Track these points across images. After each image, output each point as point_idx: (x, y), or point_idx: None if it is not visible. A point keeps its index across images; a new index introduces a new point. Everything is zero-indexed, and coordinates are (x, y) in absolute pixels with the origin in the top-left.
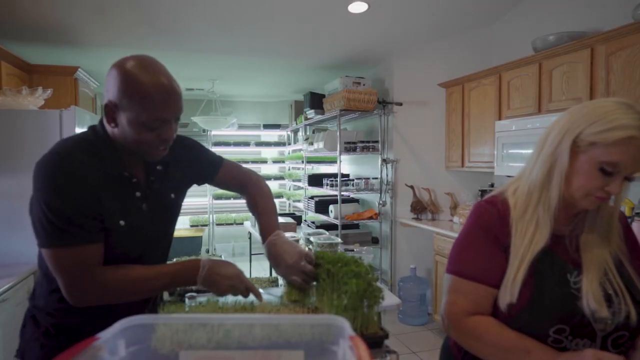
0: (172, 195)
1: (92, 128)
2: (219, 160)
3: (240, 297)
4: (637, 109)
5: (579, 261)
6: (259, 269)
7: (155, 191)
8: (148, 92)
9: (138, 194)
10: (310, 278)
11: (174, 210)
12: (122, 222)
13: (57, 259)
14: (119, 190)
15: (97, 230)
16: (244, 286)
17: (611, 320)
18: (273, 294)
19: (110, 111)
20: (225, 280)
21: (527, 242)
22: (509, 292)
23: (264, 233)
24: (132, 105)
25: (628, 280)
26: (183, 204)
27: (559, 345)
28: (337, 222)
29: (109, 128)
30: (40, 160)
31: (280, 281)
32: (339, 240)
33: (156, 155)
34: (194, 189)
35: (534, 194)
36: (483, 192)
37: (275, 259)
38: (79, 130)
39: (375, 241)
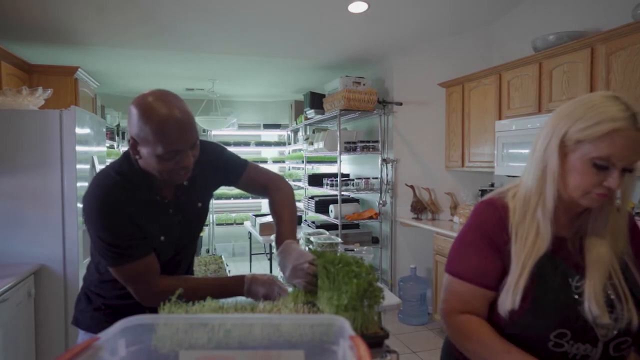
0: (199, 204)
1: (126, 158)
2: (243, 163)
3: (240, 297)
4: (624, 100)
5: (582, 264)
6: (259, 268)
7: (183, 205)
8: (161, 127)
9: (171, 210)
10: (314, 279)
11: (202, 216)
12: (162, 238)
13: (120, 274)
14: (156, 212)
15: (143, 246)
16: (277, 290)
17: (613, 326)
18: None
19: (133, 146)
20: (260, 289)
21: (528, 249)
22: (510, 299)
23: (277, 242)
24: (148, 139)
25: (633, 283)
26: None
27: (560, 349)
28: (337, 222)
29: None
30: (86, 196)
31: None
32: (339, 240)
33: (179, 180)
34: None
35: (531, 200)
36: (483, 192)
37: (282, 266)
38: (78, 130)
39: (375, 241)
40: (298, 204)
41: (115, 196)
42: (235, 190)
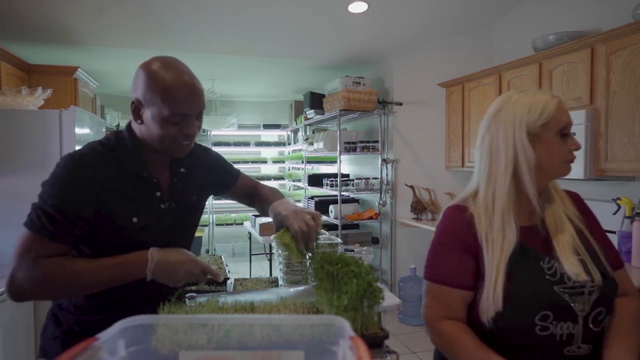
0: (194, 198)
1: (116, 132)
2: (237, 172)
3: (240, 297)
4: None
5: (549, 246)
6: (259, 269)
7: (177, 192)
8: (170, 88)
9: (158, 193)
10: (312, 232)
11: (195, 212)
12: (134, 220)
13: (22, 240)
14: (136, 190)
15: (69, 233)
16: (199, 269)
17: (589, 287)
18: (273, 294)
19: (136, 108)
20: (179, 267)
21: (498, 253)
22: (492, 304)
23: (272, 199)
24: (155, 100)
25: (592, 252)
26: None
27: (546, 332)
28: (337, 222)
29: (135, 126)
30: (60, 160)
31: (280, 282)
32: (339, 240)
33: (180, 151)
34: None
35: (497, 204)
36: None
37: (280, 210)
38: (78, 130)
39: (375, 241)
40: (298, 204)
41: (87, 162)
42: None
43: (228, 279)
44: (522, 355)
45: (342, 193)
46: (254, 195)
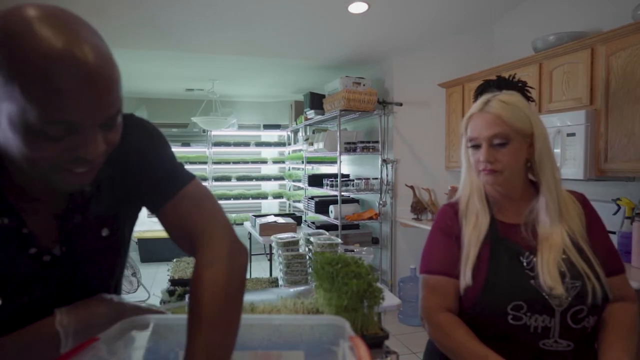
0: (104, 233)
1: None
2: (171, 189)
3: None
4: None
5: (534, 245)
6: (258, 269)
7: (74, 229)
8: (45, 71)
9: (33, 250)
10: None
11: (111, 255)
12: (25, 299)
13: None
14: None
15: None
16: (130, 310)
17: (565, 296)
18: (273, 294)
19: None
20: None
21: (471, 229)
22: (464, 277)
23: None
24: (16, 89)
25: (586, 260)
26: None
27: (519, 322)
28: (337, 222)
29: None
30: None
31: (280, 282)
32: (339, 240)
33: (68, 183)
34: None
35: (469, 192)
36: None
37: None
38: None
39: (375, 241)
40: (298, 205)
41: None
42: (235, 190)
43: None
44: (499, 345)
45: (342, 193)
46: (191, 243)
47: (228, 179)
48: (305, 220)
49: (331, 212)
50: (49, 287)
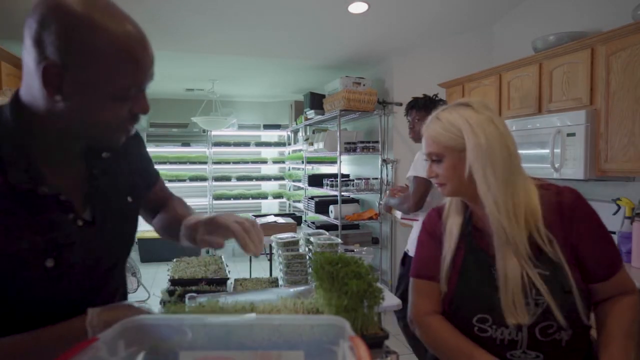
0: (129, 199)
1: None
2: (156, 172)
3: (240, 297)
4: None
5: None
6: (258, 269)
7: (102, 194)
8: (128, 46)
9: (71, 215)
10: (253, 229)
11: (133, 222)
12: (49, 263)
13: None
14: (37, 216)
15: None
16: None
17: (533, 312)
18: (273, 294)
19: (56, 77)
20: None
21: (447, 235)
22: (441, 282)
23: (186, 215)
24: (95, 66)
25: (549, 268)
26: None
27: (485, 334)
28: (337, 222)
29: (36, 102)
30: None
31: (280, 282)
32: (339, 240)
33: (119, 139)
34: (192, 188)
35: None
36: None
37: (200, 218)
38: None
39: (375, 241)
40: (298, 205)
41: None
42: (235, 190)
43: (228, 279)
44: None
45: (342, 193)
46: (161, 208)
47: (228, 179)
48: (305, 220)
49: (331, 212)
50: (85, 251)
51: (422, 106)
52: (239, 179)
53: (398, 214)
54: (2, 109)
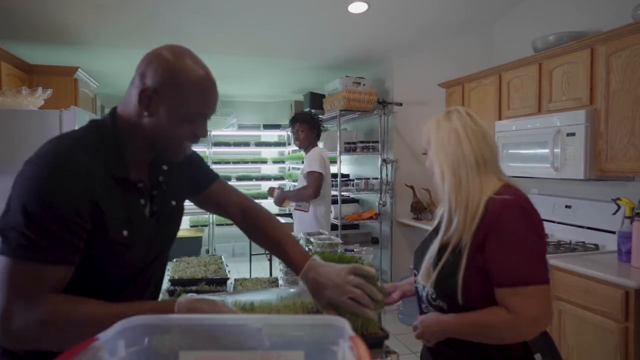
0: (173, 203)
1: (94, 123)
2: (215, 174)
3: (240, 297)
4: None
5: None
6: (258, 269)
7: (159, 197)
8: (202, 84)
9: (142, 201)
10: (366, 291)
11: (177, 220)
12: (125, 233)
13: (12, 272)
14: (123, 197)
15: (74, 249)
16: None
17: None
18: (273, 294)
19: (148, 98)
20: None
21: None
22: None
23: (297, 259)
24: (178, 95)
25: (456, 256)
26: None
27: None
28: (337, 222)
29: (127, 118)
30: (32, 159)
31: (280, 282)
32: (339, 240)
33: (181, 154)
34: None
35: None
36: None
37: (319, 284)
38: None
39: (375, 241)
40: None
41: (79, 161)
42: None
43: (228, 279)
44: None
45: (342, 193)
46: (244, 216)
47: (228, 179)
48: None
49: (331, 212)
50: (144, 234)
51: (304, 120)
52: (239, 179)
53: (293, 204)
54: (103, 121)
